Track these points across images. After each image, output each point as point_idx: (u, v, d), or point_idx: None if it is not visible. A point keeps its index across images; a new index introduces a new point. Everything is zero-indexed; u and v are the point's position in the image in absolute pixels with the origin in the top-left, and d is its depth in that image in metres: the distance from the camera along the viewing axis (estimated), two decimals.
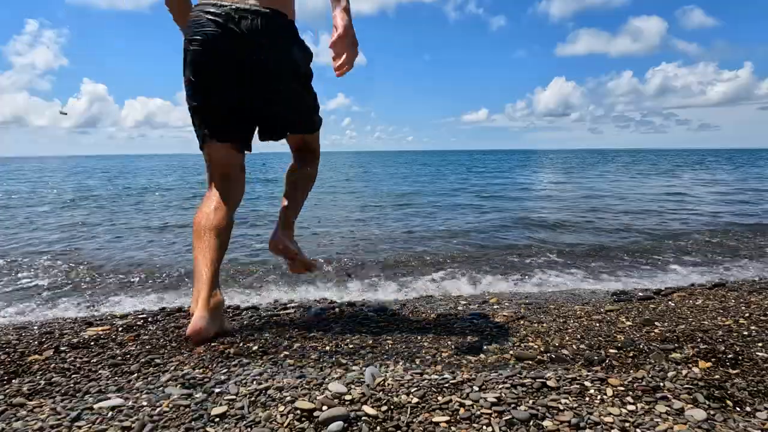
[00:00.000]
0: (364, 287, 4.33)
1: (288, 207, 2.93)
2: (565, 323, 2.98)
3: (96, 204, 11.48)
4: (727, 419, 1.68)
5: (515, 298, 3.98)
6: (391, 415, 1.70)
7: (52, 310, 3.65)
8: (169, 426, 1.66)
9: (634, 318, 3.03)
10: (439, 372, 2.20)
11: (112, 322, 3.15)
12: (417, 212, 9.45)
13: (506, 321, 3.10)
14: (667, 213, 9.01)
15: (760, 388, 1.97)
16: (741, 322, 2.85)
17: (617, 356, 2.39)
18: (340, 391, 1.87)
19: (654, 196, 11.73)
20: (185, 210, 10.09)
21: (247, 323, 3.10)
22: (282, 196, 2.98)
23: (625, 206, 9.86)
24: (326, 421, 1.65)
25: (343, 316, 3.25)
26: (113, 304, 3.82)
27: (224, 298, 2.70)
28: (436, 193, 13.61)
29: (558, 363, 2.35)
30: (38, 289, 4.33)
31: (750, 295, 3.57)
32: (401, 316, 3.26)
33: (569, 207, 9.92)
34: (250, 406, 1.79)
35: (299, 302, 3.80)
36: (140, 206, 10.95)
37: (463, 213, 9.28)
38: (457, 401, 1.79)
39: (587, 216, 8.55)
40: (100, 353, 2.54)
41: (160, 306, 3.74)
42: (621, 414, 1.70)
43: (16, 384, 2.12)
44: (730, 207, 9.92)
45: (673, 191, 12.99)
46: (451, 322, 3.08)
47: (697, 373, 2.08)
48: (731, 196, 11.87)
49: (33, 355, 2.51)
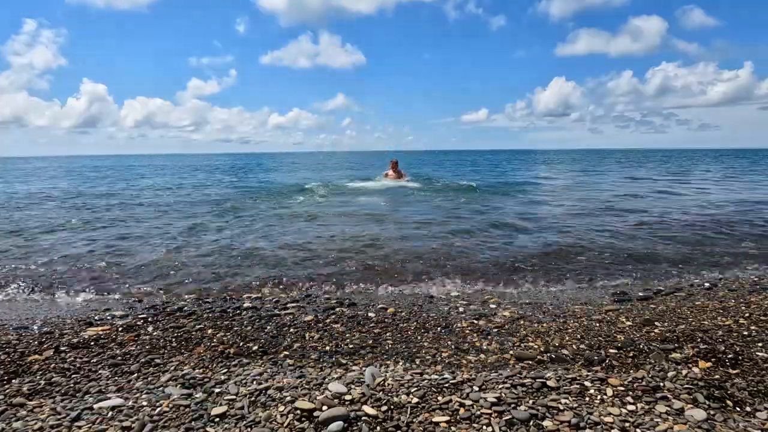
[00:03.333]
0: (364, 287, 4.32)
1: None
2: (565, 323, 2.98)
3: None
4: (727, 419, 1.68)
5: (515, 298, 3.97)
6: (391, 415, 1.70)
7: (53, 310, 3.64)
8: (169, 426, 1.66)
9: (634, 318, 3.03)
10: (439, 372, 2.20)
11: (112, 322, 3.15)
12: (418, 210, 9.45)
13: (506, 321, 3.10)
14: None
15: (760, 388, 1.97)
16: (741, 322, 2.85)
17: (617, 356, 2.39)
18: (340, 391, 1.87)
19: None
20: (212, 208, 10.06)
21: (247, 323, 3.10)
22: None
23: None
24: (326, 421, 1.65)
25: (343, 316, 3.25)
26: (112, 303, 3.81)
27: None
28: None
29: (558, 363, 2.35)
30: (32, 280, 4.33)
31: (750, 295, 3.57)
32: (401, 317, 3.25)
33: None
34: (250, 406, 1.79)
35: (299, 302, 3.79)
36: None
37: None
38: (457, 401, 1.79)
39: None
40: (100, 353, 2.54)
41: (159, 306, 3.73)
42: (621, 414, 1.70)
43: (16, 384, 2.12)
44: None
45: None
46: (451, 322, 3.08)
47: (697, 373, 2.09)
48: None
49: (33, 355, 2.51)
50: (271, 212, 9.75)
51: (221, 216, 9.17)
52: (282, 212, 9.63)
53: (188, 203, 11.47)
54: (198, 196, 13.20)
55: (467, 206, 10.42)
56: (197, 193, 14.26)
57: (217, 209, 10.20)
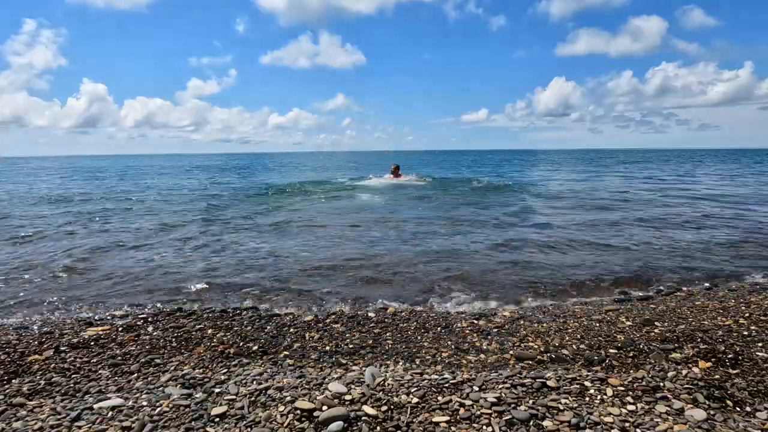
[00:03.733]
0: (364, 287, 4.32)
1: None
2: (565, 323, 2.98)
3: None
4: (727, 419, 1.68)
5: (515, 298, 3.97)
6: (391, 415, 1.70)
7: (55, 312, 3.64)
8: (169, 426, 1.66)
9: (634, 318, 3.02)
10: (439, 372, 2.20)
11: (112, 322, 3.15)
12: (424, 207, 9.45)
13: (506, 321, 3.10)
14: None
15: (760, 388, 1.97)
16: (741, 322, 2.85)
17: (617, 356, 2.39)
18: (340, 391, 1.87)
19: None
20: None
21: (247, 323, 3.10)
22: None
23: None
24: (326, 421, 1.65)
25: (343, 316, 3.25)
26: (114, 305, 3.81)
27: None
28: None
29: (558, 363, 2.35)
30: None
31: (750, 295, 3.56)
32: (401, 317, 3.26)
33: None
34: (250, 406, 1.79)
35: (299, 302, 3.80)
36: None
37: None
38: (457, 401, 1.79)
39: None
40: (100, 353, 2.54)
41: (159, 306, 3.73)
42: (621, 414, 1.70)
43: (16, 384, 2.12)
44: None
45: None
46: (451, 322, 3.08)
47: (697, 373, 2.08)
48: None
49: (33, 355, 2.52)
50: (274, 214, 9.74)
51: (220, 217, 9.16)
52: (287, 213, 9.63)
53: (188, 202, 11.48)
54: (198, 196, 13.19)
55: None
56: (201, 193, 14.26)
57: (217, 211, 10.19)
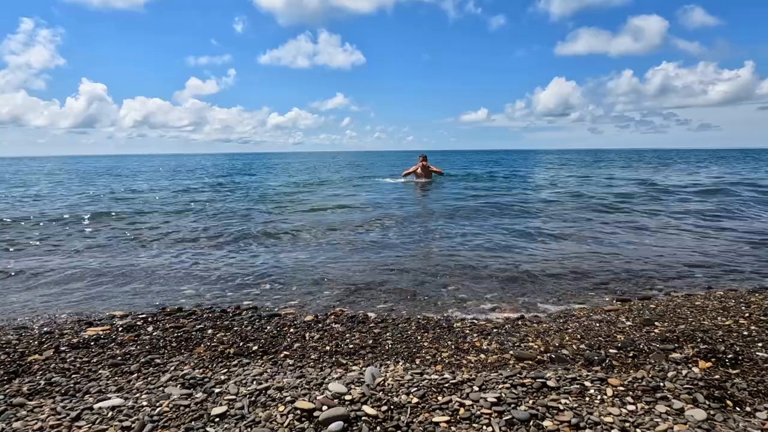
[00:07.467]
0: (364, 287, 4.32)
1: None
2: (565, 323, 2.98)
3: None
4: (727, 419, 1.68)
5: (515, 298, 3.97)
6: (391, 415, 1.70)
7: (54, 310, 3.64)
8: (169, 426, 1.66)
9: (634, 318, 3.02)
10: (439, 372, 2.20)
11: (112, 322, 3.15)
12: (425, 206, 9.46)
13: (506, 321, 3.10)
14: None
15: (760, 388, 1.97)
16: (741, 322, 2.85)
17: (617, 356, 2.39)
18: (340, 391, 1.87)
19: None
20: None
21: (247, 323, 3.10)
22: None
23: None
24: (326, 421, 1.65)
25: (343, 316, 3.25)
26: (114, 305, 3.81)
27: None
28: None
29: (558, 363, 2.35)
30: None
31: (750, 295, 3.56)
32: (401, 317, 3.26)
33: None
34: (250, 406, 1.79)
35: (299, 302, 3.80)
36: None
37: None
38: (457, 401, 1.79)
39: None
40: (100, 353, 2.54)
41: (159, 306, 3.73)
42: (621, 414, 1.70)
43: (16, 384, 2.12)
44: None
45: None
46: (451, 322, 3.08)
47: (697, 373, 2.08)
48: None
49: (33, 355, 2.52)
50: (275, 214, 9.75)
51: (221, 217, 9.16)
52: (287, 214, 9.63)
53: (188, 202, 11.48)
54: (198, 195, 13.19)
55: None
56: (201, 193, 14.24)
57: (230, 212, 10.19)
